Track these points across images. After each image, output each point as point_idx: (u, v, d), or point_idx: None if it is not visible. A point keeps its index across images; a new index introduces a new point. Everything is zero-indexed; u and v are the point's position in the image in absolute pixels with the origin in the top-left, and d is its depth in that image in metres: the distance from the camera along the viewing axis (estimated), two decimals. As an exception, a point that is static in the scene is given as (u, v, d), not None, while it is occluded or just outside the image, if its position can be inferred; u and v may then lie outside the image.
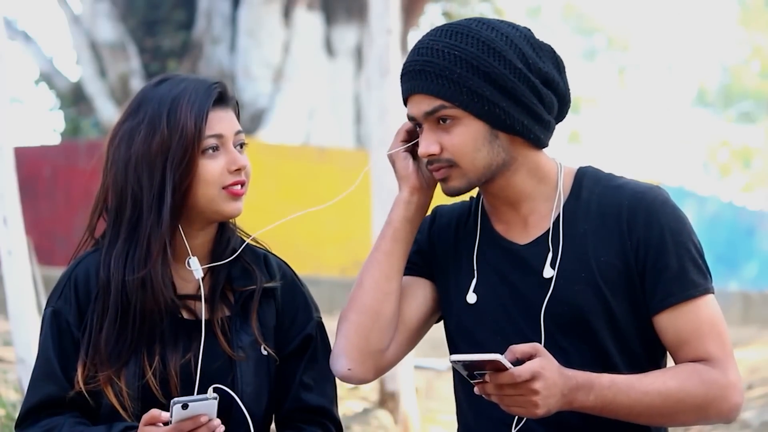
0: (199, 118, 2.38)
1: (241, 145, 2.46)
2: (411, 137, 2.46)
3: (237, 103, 2.51)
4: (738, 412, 2.31)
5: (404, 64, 2.39)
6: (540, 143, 2.39)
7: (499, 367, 2.14)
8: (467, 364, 2.15)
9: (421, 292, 2.50)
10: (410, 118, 2.40)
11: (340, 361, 2.45)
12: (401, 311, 2.47)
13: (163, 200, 2.37)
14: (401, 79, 2.40)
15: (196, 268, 2.45)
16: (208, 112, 2.40)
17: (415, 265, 2.51)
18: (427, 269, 2.51)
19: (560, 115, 2.45)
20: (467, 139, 2.33)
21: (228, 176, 2.42)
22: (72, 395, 2.39)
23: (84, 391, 2.38)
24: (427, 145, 2.35)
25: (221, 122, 2.42)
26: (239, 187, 2.43)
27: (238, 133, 2.45)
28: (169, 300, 2.39)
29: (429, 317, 2.51)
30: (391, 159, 2.48)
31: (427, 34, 2.39)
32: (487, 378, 2.16)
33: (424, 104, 2.35)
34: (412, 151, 2.46)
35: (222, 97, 2.44)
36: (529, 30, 2.42)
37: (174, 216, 2.39)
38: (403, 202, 2.46)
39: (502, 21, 2.40)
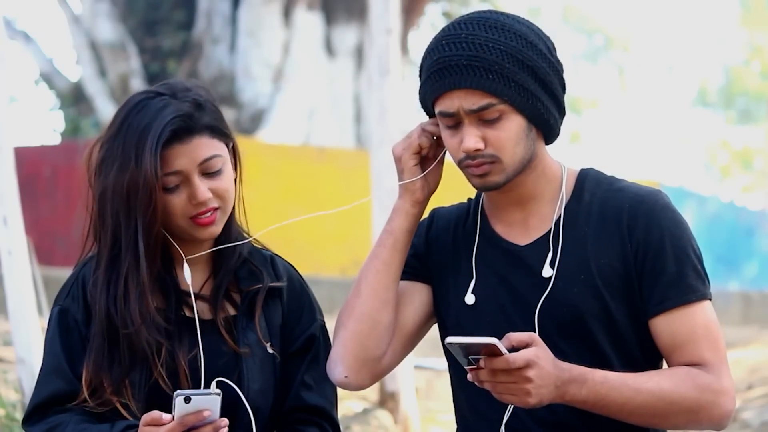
0: (155, 161, 2.36)
1: (218, 170, 2.42)
2: (422, 149, 2.43)
3: (212, 125, 2.43)
4: (729, 419, 2.31)
5: (441, 59, 2.32)
6: (554, 138, 2.41)
7: (494, 352, 2.14)
8: (463, 347, 2.15)
9: (417, 297, 2.50)
10: (445, 115, 2.34)
11: (337, 369, 2.46)
12: (398, 317, 2.47)
13: (137, 243, 2.39)
14: (437, 74, 2.32)
15: (187, 275, 2.47)
16: (161, 155, 2.37)
17: (412, 269, 2.51)
18: (423, 273, 2.51)
19: None
20: (511, 134, 2.32)
21: (192, 207, 2.42)
22: (78, 392, 2.40)
23: (88, 398, 2.39)
24: (473, 141, 2.31)
25: (180, 158, 2.39)
26: (208, 215, 2.42)
27: (204, 161, 2.41)
28: (152, 339, 2.39)
29: (426, 321, 2.51)
30: (399, 167, 2.45)
31: (455, 26, 2.34)
32: (481, 363, 2.16)
33: (469, 101, 2.30)
34: (421, 163, 2.44)
35: (185, 128, 2.40)
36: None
37: (149, 252, 2.39)
38: (404, 212, 2.46)
39: (516, 15, 2.38)
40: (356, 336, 2.43)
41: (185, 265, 2.47)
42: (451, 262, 2.48)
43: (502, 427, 2.38)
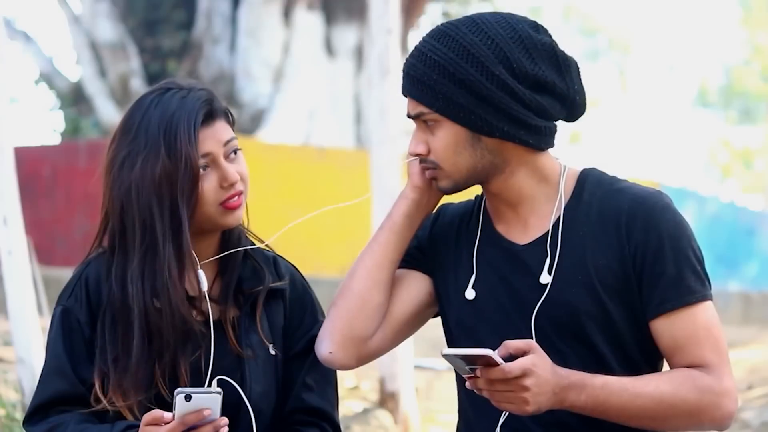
0: (194, 144, 2.38)
1: (235, 152, 2.46)
2: None
3: (226, 110, 2.49)
4: (731, 419, 2.31)
5: (403, 65, 2.42)
6: (534, 147, 2.38)
7: (490, 363, 2.14)
8: (460, 358, 2.15)
9: (414, 285, 2.51)
10: (408, 116, 2.43)
11: (323, 344, 2.47)
12: (391, 302, 2.48)
13: (180, 231, 2.38)
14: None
15: (202, 280, 2.46)
16: (198, 136, 2.40)
17: (412, 259, 2.52)
18: (424, 264, 2.52)
19: (572, 114, 2.43)
20: (448, 142, 2.35)
21: (222, 192, 2.42)
22: (80, 392, 2.40)
23: (91, 400, 2.39)
24: (414, 145, 2.39)
25: (207, 140, 2.42)
26: (236, 198, 2.43)
27: (227, 142, 2.45)
28: (192, 323, 2.40)
29: (420, 311, 2.51)
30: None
31: (426, 33, 2.41)
32: (478, 373, 2.16)
33: (409, 107, 2.39)
34: None
35: (209, 112, 2.43)
36: (532, 27, 2.38)
37: (187, 238, 2.40)
38: (403, 197, 2.48)
39: (500, 19, 2.37)
40: (344, 313, 2.45)
41: (200, 271, 2.46)
42: (453, 257, 2.49)
43: (498, 429, 2.38)
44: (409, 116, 2.41)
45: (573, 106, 2.41)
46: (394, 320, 2.48)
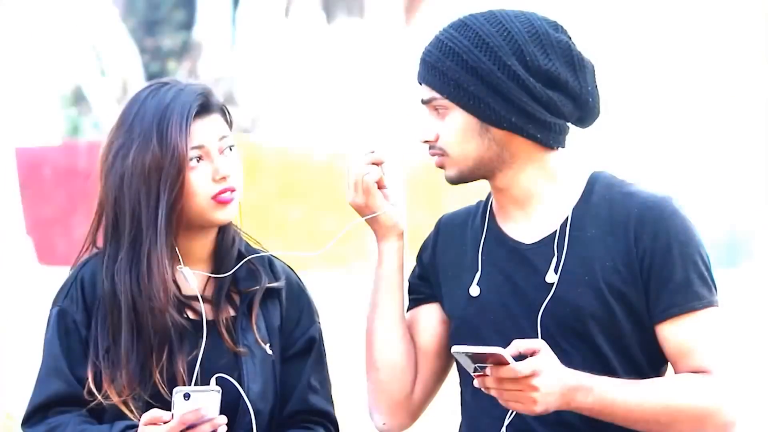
0: (185, 133, 2.39)
1: (230, 148, 2.46)
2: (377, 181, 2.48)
3: (223, 106, 2.49)
4: (735, 426, 2.31)
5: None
6: (542, 143, 2.39)
7: (500, 361, 2.14)
8: (469, 356, 2.15)
9: (430, 319, 2.51)
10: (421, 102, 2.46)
11: (374, 417, 2.52)
12: (417, 345, 2.50)
13: (158, 218, 2.39)
14: None
15: (189, 277, 2.46)
16: (190, 127, 2.40)
17: (419, 295, 2.53)
18: (429, 292, 2.52)
19: (584, 118, 2.43)
20: (456, 129, 2.36)
21: (214, 185, 2.42)
22: (78, 393, 2.40)
23: (91, 394, 2.39)
24: (425, 131, 2.40)
25: (201, 132, 2.42)
26: (228, 194, 2.43)
27: (222, 138, 2.44)
28: (177, 321, 2.40)
29: (445, 339, 2.51)
30: (370, 209, 2.49)
31: (447, 24, 2.43)
32: (488, 371, 2.16)
33: (423, 93, 2.40)
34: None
35: (205, 105, 2.44)
36: (551, 25, 2.40)
37: (169, 229, 2.41)
38: (394, 251, 2.49)
39: (519, 14, 2.39)
40: (378, 385, 2.49)
41: (186, 268, 2.46)
42: (458, 258, 2.48)
43: (504, 429, 2.38)
44: (422, 102, 2.42)
45: (585, 108, 2.41)
46: (429, 360, 2.50)
